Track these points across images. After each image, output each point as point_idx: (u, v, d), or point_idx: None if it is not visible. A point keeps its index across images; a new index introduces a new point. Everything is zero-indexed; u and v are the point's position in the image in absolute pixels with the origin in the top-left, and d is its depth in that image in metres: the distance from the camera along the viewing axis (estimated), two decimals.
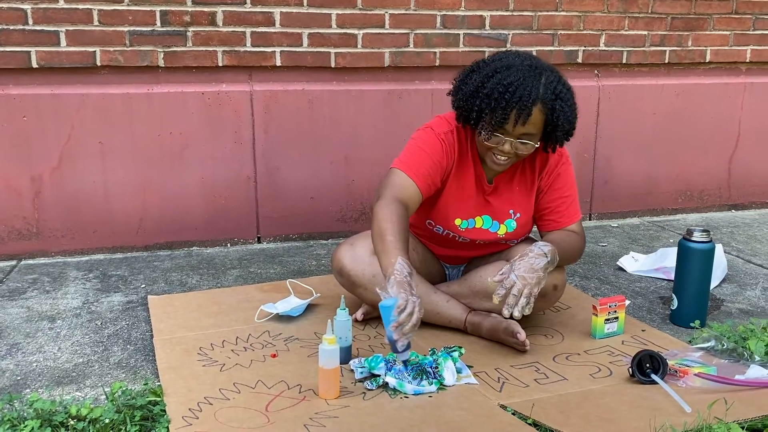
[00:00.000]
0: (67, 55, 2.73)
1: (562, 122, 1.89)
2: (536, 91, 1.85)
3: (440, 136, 2.01)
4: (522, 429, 1.59)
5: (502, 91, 1.85)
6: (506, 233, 2.11)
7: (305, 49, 2.96)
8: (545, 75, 1.89)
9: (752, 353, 1.94)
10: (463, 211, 2.08)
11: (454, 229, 2.10)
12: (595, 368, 1.91)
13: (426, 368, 1.81)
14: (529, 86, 1.84)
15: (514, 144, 1.91)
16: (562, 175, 2.10)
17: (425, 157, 1.97)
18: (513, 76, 1.86)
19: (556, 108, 1.87)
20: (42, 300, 2.41)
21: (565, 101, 1.90)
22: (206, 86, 2.91)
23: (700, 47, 3.48)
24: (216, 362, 1.92)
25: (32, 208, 2.82)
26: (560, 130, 1.91)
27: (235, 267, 2.77)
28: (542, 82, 1.87)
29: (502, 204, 2.09)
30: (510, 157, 1.95)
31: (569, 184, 2.11)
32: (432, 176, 1.98)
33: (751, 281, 2.66)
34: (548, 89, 1.87)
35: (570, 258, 2.06)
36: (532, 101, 1.84)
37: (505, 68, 1.89)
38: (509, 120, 1.86)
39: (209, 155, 2.95)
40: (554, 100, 1.87)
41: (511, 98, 1.84)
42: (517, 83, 1.84)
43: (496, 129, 1.89)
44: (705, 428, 1.51)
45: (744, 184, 3.72)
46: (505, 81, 1.85)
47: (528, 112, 1.84)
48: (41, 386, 1.81)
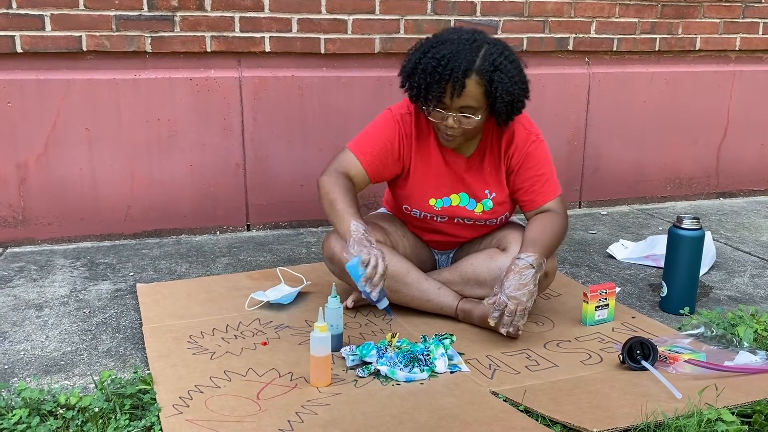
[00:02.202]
0: (53, 40, 2.69)
1: (501, 93, 1.86)
2: (470, 63, 1.84)
3: (396, 117, 2.04)
4: (514, 415, 1.60)
5: (435, 65, 1.85)
6: (483, 212, 2.10)
7: (295, 35, 2.93)
8: (485, 48, 1.88)
9: (741, 340, 1.96)
10: (436, 189, 2.09)
11: (431, 209, 2.11)
12: (586, 355, 1.91)
13: (417, 356, 1.81)
14: (462, 58, 1.84)
15: (456, 118, 1.90)
16: (532, 154, 2.05)
17: (376, 138, 2.03)
18: (446, 50, 1.86)
19: (494, 79, 1.86)
20: (29, 288, 2.38)
21: (505, 73, 1.87)
22: (194, 72, 2.87)
23: (690, 35, 3.48)
24: (206, 350, 1.91)
25: (18, 196, 2.78)
26: (500, 101, 1.88)
27: (225, 255, 2.75)
28: (480, 54, 1.86)
29: (479, 182, 2.09)
30: (456, 132, 1.94)
31: (542, 162, 2.06)
32: (380, 156, 2.02)
33: (739, 268, 2.68)
34: (486, 61, 1.86)
35: (556, 243, 2.04)
36: (463, 73, 1.83)
37: (440, 43, 1.90)
38: (445, 93, 1.86)
39: (198, 142, 2.92)
40: (492, 71, 1.86)
41: (444, 71, 1.84)
42: (449, 56, 1.84)
43: (435, 104, 1.90)
44: (696, 414, 1.52)
45: (732, 172, 3.74)
46: (438, 55, 1.86)
47: (461, 84, 1.84)
48: (29, 375, 1.80)
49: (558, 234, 2.03)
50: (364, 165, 2.02)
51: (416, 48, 1.96)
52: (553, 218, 2.04)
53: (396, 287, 2.07)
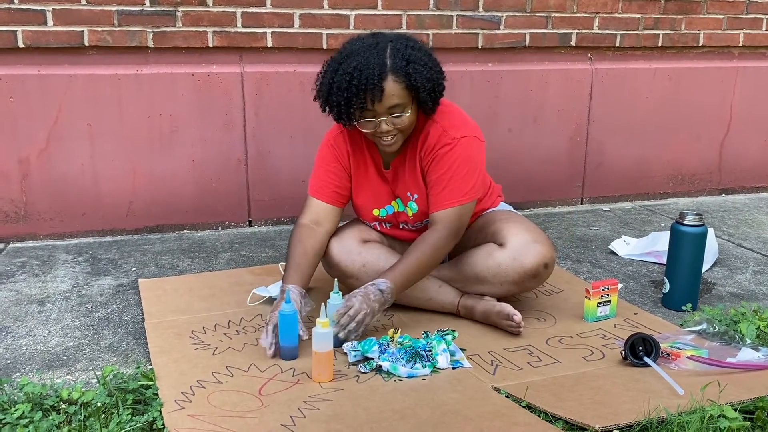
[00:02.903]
0: (54, 35, 2.68)
1: (421, 83, 1.88)
2: (382, 66, 1.85)
3: (330, 142, 2.12)
4: (516, 411, 1.60)
5: (349, 79, 1.85)
6: (413, 215, 2.10)
7: (297, 30, 2.93)
8: (390, 46, 1.89)
9: (743, 336, 1.95)
10: (375, 200, 2.12)
11: (376, 218, 2.14)
12: (588, 351, 1.91)
13: (419, 351, 1.81)
14: (373, 64, 1.84)
15: (389, 121, 1.91)
16: (442, 158, 1.97)
17: (322, 171, 2.12)
18: (356, 61, 1.86)
19: (410, 72, 1.87)
20: (31, 283, 2.39)
21: (418, 62, 1.88)
22: (196, 67, 2.87)
23: (693, 31, 3.47)
24: (208, 346, 1.91)
25: (20, 191, 2.78)
26: (423, 90, 1.89)
27: (227, 250, 2.75)
28: (388, 54, 1.87)
29: (401, 187, 2.09)
30: (393, 134, 1.93)
31: (447, 167, 1.97)
32: (333, 182, 2.10)
33: (741, 265, 2.67)
34: (396, 58, 1.86)
35: (429, 265, 1.99)
36: (378, 78, 1.84)
37: (346, 57, 1.89)
38: (366, 103, 1.86)
39: (199, 137, 2.92)
40: (406, 66, 1.86)
41: (359, 82, 1.84)
42: (360, 66, 1.84)
43: (363, 115, 1.90)
44: (698, 410, 1.52)
45: (735, 168, 3.73)
46: (349, 68, 1.86)
47: (380, 89, 1.84)
48: (31, 370, 1.80)
49: (431, 255, 1.97)
50: (325, 200, 2.10)
51: (324, 70, 1.95)
52: (430, 238, 1.97)
53: None
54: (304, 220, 2.09)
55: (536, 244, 2.00)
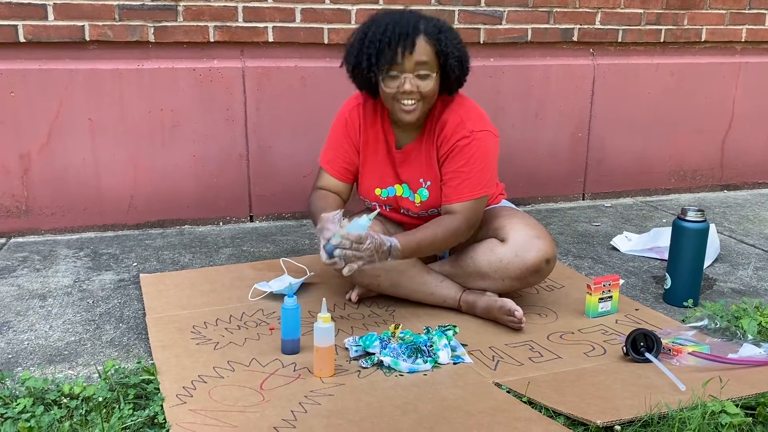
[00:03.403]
0: (55, 30, 2.68)
1: (451, 49, 1.93)
2: (416, 25, 1.92)
3: (344, 114, 2.13)
4: (517, 407, 1.60)
5: (383, 30, 1.91)
6: (421, 202, 2.10)
7: (298, 25, 2.92)
8: (424, 18, 1.96)
9: (745, 332, 1.95)
10: (380, 179, 2.12)
11: (377, 199, 2.15)
12: (589, 347, 1.91)
13: (421, 347, 1.81)
14: (407, 22, 1.92)
15: (413, 81, 1.92)
16: (463, 150, 1.99)
17: (333, 144, 2.15)
18: (390, 18, 1.94)
19: (441, 39, 1.93)
20: (32, 278, 2.39)
21: (448, 34, 1.95)
22: (197, 62, 2.86)
23: (696, 26, 3.46)
24: (210, 340, 1.91)
25: (21, 186, 2.78)
26: (452, 57, 1.94)
27: (228, 245, 2.75)
28: (421, 20, 1.95)
29: (413, 172, 2.09)
30: (415, 99, 1.94)
31: (468, 160, 1.99)
32: (342, 158, 2.13)
33: (743, 261, 2.67)
34: (429, 25, 1.94)
35: (440, 245, 2.00)
36: (413, 31, 1.90)
37: (381, 17, 1.97)
38: (397, 53, 1.90)
39: (201, 132, 2.91)
40: (438, 33, 1.93)
41: (393, 34, 1.90)
42: (395, 22, 1.92)
43: (389, 69, 1.92)
44: (700, 406, 1.51)
45: (737, 164, 3.73)
46: (384, 23, 1.94)
47: (412, 41, 1.90)
48: (33, 364, 1.80)
49: (446, 236, 1.98)
50: (335, 174, 2.14)
51: (354, 35, 2.01)
52: (448, 222, 1.99)
53: (398, 280, 2.07)
54: (317, 186, 2.16)
55: (538, 239, 2.00)
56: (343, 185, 2.15)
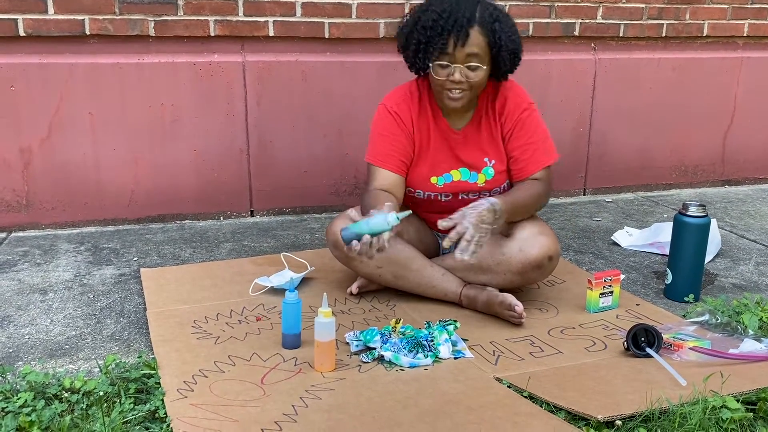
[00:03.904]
0: (55, 23, 2.67)
1: (505, 41, 1.92)
2: (471, 14, 1.89)
3: (392, 109, 2.08)
4: (518, 401, 1.60)
5: (436, 18, 1.89)
6: (486, 181, 2.10)
7: (299, 19, 2.91)
8: (481, 3, 1.94)
9: (746, 327, 1.95)
10: (436, 167, 2.10)
11: (433, 188, 2.12)
12: (590, 342, 1.91)
13: (421, 341, 1.81)
14: (463, 10, 1.89)
15: (463, 71, 1.92)
16: (525, 121, 2.07)
17: (386, 140, 2.07)
18: (446, 4, 1.91)
19: (496, 29, 1.91)
20: (33, 272, 2.39)
21: (504, 23, 1.94)
22: (198, 56, 2.86)
23: (698, 21, 3.45)
24: (210, 335, 1.91)
25: (22, 180, 2.78)
26: (505, 49, 1.92)
27: (228, 240, 2.75)
28: (477, 8, 1.92)
29: (475, 153, 2.09)
30: (463, 88, 1.94)
31: (532, 130, 2.08)
32: (401, 154, 2.07)
33: (744, 256, 2.67)
34: (485, 13, 1.92)
35: (531, 206, 2.05)
36: (467, 21, 1.89)
37: (438, 1, 1.94)
38: (449, 44, 1.88)
39: (201, 127, 2.91)
40: (493, 22, 1.92)
41: (446, 23, 1.88)
42: (450, 9, 1.90)
43: (440, 58, 1.91)
44: (701, 401, 1.51)
45: (738, 159, 3.72)
46: (439, 9, 1.91)
47: (465, 33, 1.88)
48: (34, 359, 1.80)
49: (534, 199, 2.05)
50: (393, 170, 2.06)
51: (410, 14, 1.99)
52: (533, 184, 2.07)
53: (401, 273, 2.07)
54: (371, 188, 2.04)
55: (542, 236, 2.01)
56: (400, 179, 2.07)
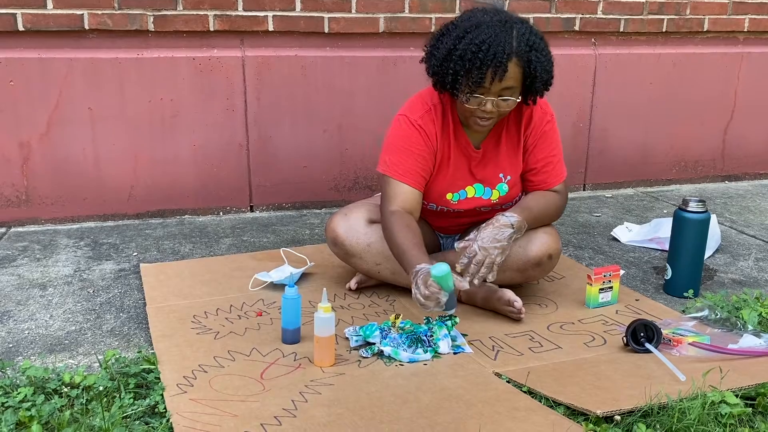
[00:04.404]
0: (54, 18, 2.66)
1: (540, 73, 1.87)
2: (510, 46, 1.82)
3: (416, 123, 1.99)
4: (517, 396, 1.60)
5: (475, 50, 1.82)
6: (499, 197, 2.09)
7: (298, 14, 2.90)
8: (516, 28, 1.85)
9: (745, 323, 1.95)
10: (452, 184, 2.07)
11: (447, 203, 2.10)
12: (590, 337, 1.91)
13: (421, 337, 1.81)
14: (502, 42, 1.81)
15: (496, 102, 1.88)
16: (548, 134, 2.06)
17: (410, 156, 1.98)
18: (484, 34, 1.82)
19: (532, 60, 1.85)
20: (33, 268, 2.39)
21: (540, 51, 1.87)
22: (197, 51, 2.85)
23: (698, 16, 3.44)
24: (210, 330, 1.91)
25: (21, 175, 2.77)
26: (539, 81, 1.88)
27: (228, 236, 2.75)
28: (514, 35, 1.84)
29: (491, 170, 2.07)
30: (493, 116, 1.92)
31: (554, 143, 2.08)
32: (423, 170, 2.00)
33: (743, 252, 2.67)
34: (521, 41, 1.84)
35: (547, 218, 2.05)
36: (506, 56, 1.81)
37: (475, 27, 1.85)
38: (486, 79, 1.84)
39: (200, 122, 2.91)
40: (529, 51, 1.85)
41: (485, 57, 1.81)
42: (489, 41, 1.81)
43: (474, 90, 1.86)
44: (700, 396, 1.52)
45: (738, 155, 3.72)
46: (477, 40, 1.82)
47: (504, 69, 1.82)
48: (33, 353, 1.80)
49: (551, 209, 2.06)
50: (415, 185, 1.98)
51: (444, 33, 1.91)
52: (551, 197, 2.08)
53: (399, 270, 2.07)
54: (395, 208, 1.95)
55: (543, 234, 2.01)
56: (419, 195, 2.01)
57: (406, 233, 1.87)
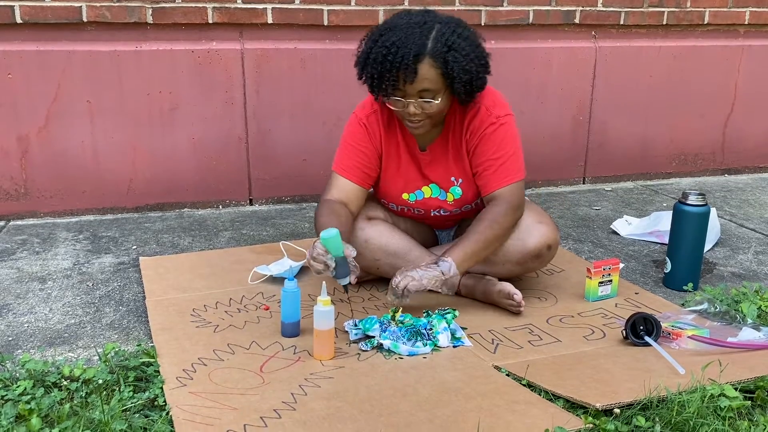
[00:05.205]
0: (53, 11, 2.65)
1: (458, 73, 1.81)
2: (421, 47, 1.79)
3: (362, 119, 2.04)
4: (516, 390, 1.60)
5: (385, 53, 1.80)
6: (454, 200, 2.08)
7: (297, 6, 2.89)
8: (437, 29, 1.82)
9: (744, 316, 1.95)
10: (407, 185, 2.08)
11: (405, 203, 2.10)
12: (589, 330, 1.91)
13: (420, 330, 1.81)
14: (411, 43, 1.78)
15: (418, 104, 1.86)
16: (489, 137, 1.96)
17: (351, 150, 2.04)
18: (395, 36, 1.80)
19: (449, 60, 1.80)
20: (32, 261, 2.38)
21: (459, 51, 1.82)
22: (196, 44, 2.84)
23: (699, 9, 3.43)
24: (209, 323, 1.91)
25: (20, 168, 2.77)
26: (458, 81, 1.83)
27: (227, 229, 2.75)
28: (431, 36, 1.81)
29: (442, 173, 2.05)
30: (420, 118, 1.89)
31: (497, 146, 1.96)
32: (363, 165, 2.04)
33: (743, 245, 2.67)
34: (439, 42, 1.80)
35: (499, 239, 1.95)
36: (414, 58, 1.78)
37: (388, 30, 1.84)
38: (398, 81, 1.82)
39: (199, 115, 2.90)
40: (447, 52, 1.80)
41: (394, 59, 1.79)
42: (399, 43, 1.79)
43: (392, 93, 1.86)
44: (699, 389, 1.52)
45: (738, 148, 3.71)
46: (388, 42, 1.81)
47: (413, 70, 1.79)
48: (33, 347, 1.80)
49: (494, 240, 1.94)
50: (354, 180, 2.04)
51: (367, 37, 1.91)
52: (494, 216, 1.94)
53: (398, 264, 2.07)
54: (328, 197, 2.02)
55: (541, 225, 2.01)
56: (361, 191, 2.05)
57: (330, 217, 1.92)
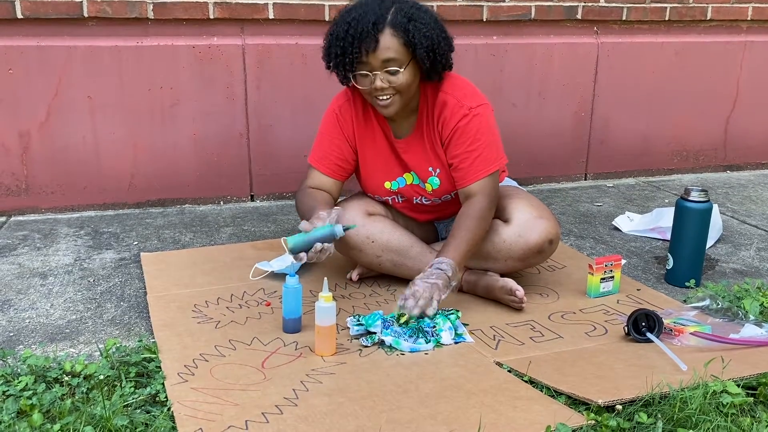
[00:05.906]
0: (53, 6, 2.65)
1: (419, 40, 1.85)
2: (380, 18, 1.84)
3: (335, 110, 2.08)
4: (518, 386, 1.60)
5: (346, 28, 1.85)
6: (433, 190, 2.08)
7: (299, 2, 2.88)
8: (395, 6, 1.88)
9: (747, 312, 1.95)
10: (387, 172, 2.08)
11: (388, 193, 2.11)
12: (591, 327, 1.91)
13: (423, 328, 1.81)
14: (370, 15, 1.84)
15: (384, 77, 1.87)
16: (463, 129, 1.96)
17: (326, 142, 2.09)
18: (355, 12, 1.87)
19: (409, 29, 1.85)
20: (33, 256, 2.38)
21: (420, 21, 1.87)
22: (197, 39, 2.83)
23: (701, 4, 3.42)
24: (211, 319, 1.91)
25: (21, 164, 2.77)
26: (420, 47, 1.85)
27: (229, 225, 2.74)
28: (391, 11, 1.86)
29: (420, 162, 2.06)
30: (389, 93, 1.90)
31: (471, 139, 1.96)
32: (338, 157, 2.08)
33: (745, 242, 2.66)
34: (398, 15, 1.86)
35: (481, 235, 1.95)
36: (373, 26, 1.83)
37: (349, 9, 1.90)
38: (361, 53, 1.85)
39: (200, 111, 2.89)
40: (407, 22, 1.85)
41: (355, 31, 1.84)
42: (359, 17, 1.85)
43: (356, 68, 1.88)
44: (701, 386, 1.52)
45: (740, 145, 3.70)
46: (348, 18, 1.87)
47: (374, 39, 1.83)
48: (34, 342, 1.80)
49: (483, 236, 1.96)
50: (327, 173, 2.08)
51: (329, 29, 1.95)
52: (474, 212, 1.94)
53: (400, 261, 2.07)
54: (305, 186, 2.10)
55: (541, 220, 2.00)
56: (334, 183, 2.09)
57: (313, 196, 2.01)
